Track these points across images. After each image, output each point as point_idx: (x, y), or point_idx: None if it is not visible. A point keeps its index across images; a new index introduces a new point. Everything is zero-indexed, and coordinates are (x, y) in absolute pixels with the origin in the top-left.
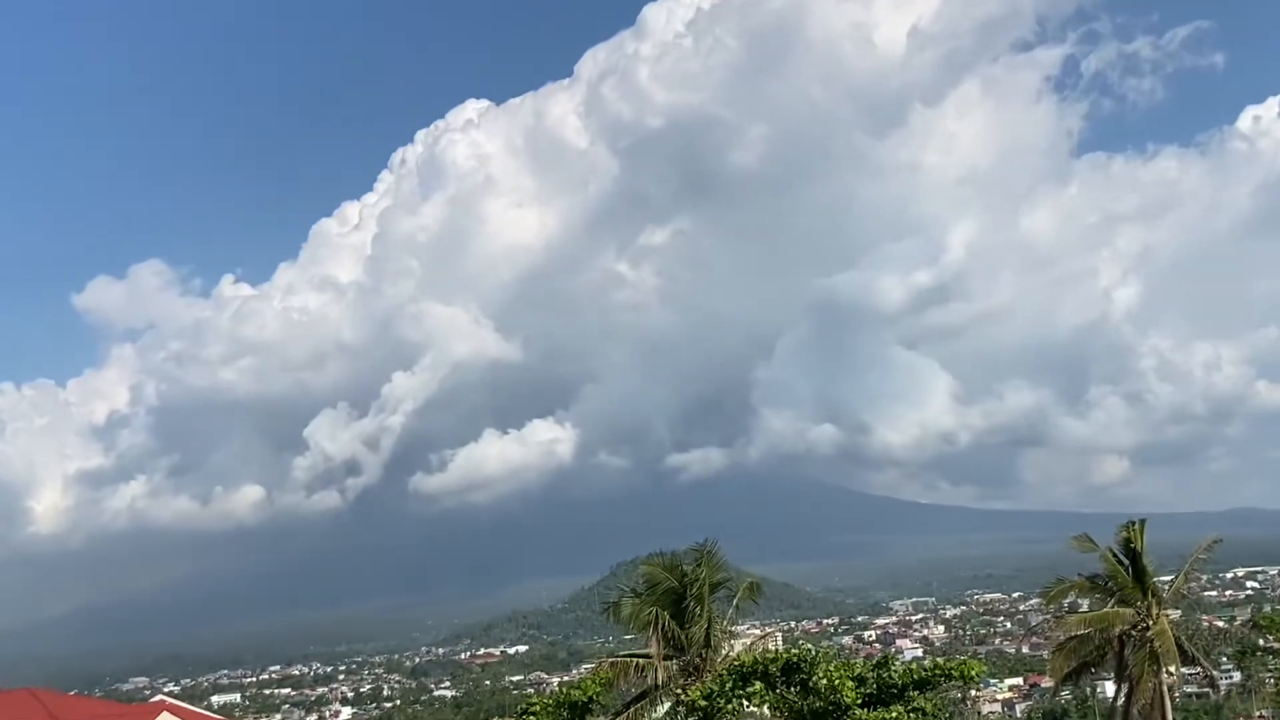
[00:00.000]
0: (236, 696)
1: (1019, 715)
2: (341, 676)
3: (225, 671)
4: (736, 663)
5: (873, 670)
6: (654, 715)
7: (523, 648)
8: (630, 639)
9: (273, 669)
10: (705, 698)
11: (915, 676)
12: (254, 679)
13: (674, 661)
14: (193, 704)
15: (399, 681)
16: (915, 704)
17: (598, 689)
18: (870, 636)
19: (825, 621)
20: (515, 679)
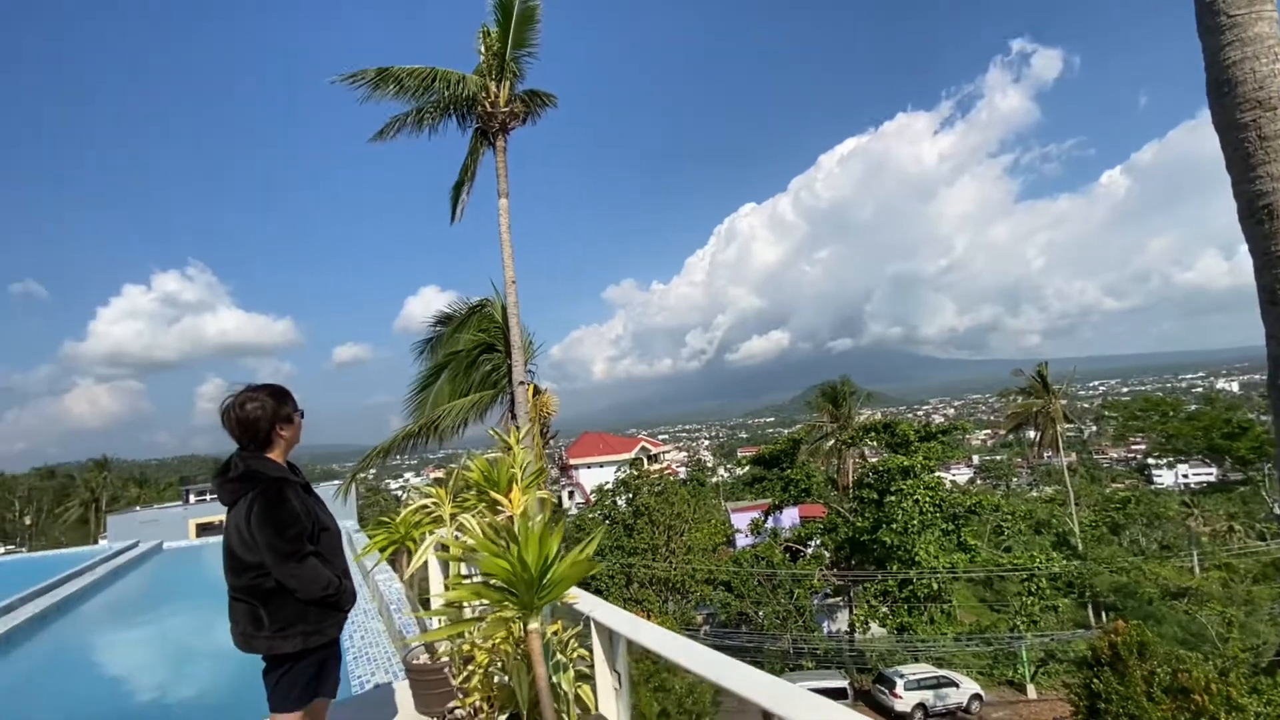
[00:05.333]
0: (666, 435)
1: (988, 445)
2: (700, 430)
3: (660, 426)
4: (861, 425)
5: (923, 427)
6: (825, 445)
7: (772, 418)
8: (815, 416)
9: (678, 427)
10: (850, 439)
11: (942, 428)
12: (670, 431)
13: (835, 424)
14: (650, 436)
15: (728, 432)
16: (942, 440)
17: (805, 432)
18: (921, 414)
19: (900, 409)
20: (771, 431)
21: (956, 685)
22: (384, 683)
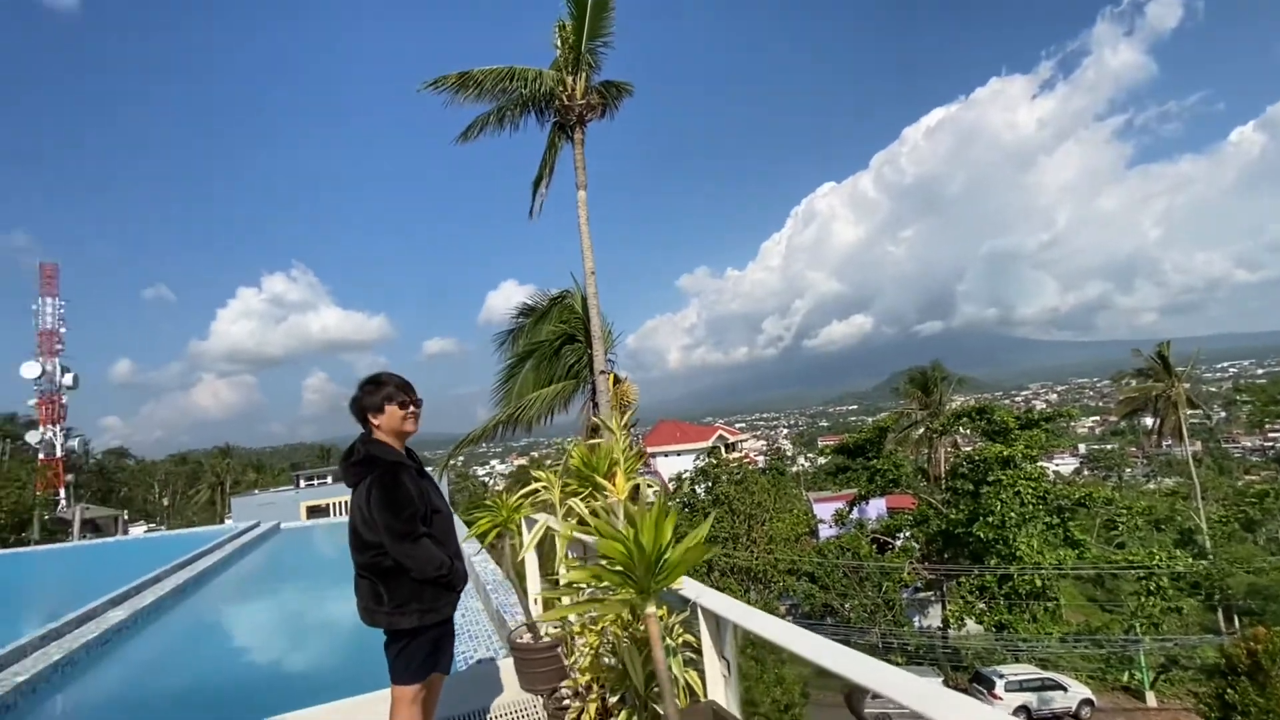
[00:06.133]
0: (743, 424)
1: (1097, 433)
2: (778, 418)
3: (737, 415)
4: (954, 412)
5: (1023, 414)
6: (914, 434)
7: (854, 406)
8: (902, 403)
9: (755, 415)
10: (941, 427)
11: (1045, 415)
12: (747, 419)
13: (925, 411)
14: (727, 424)
15: (808, 420)
16: (1045, 428)
17: (892, 420)
18: (1019, 400)
19: (996, 395)
20: (853, 420)
21: (1064, 689)
22: (486, 659)
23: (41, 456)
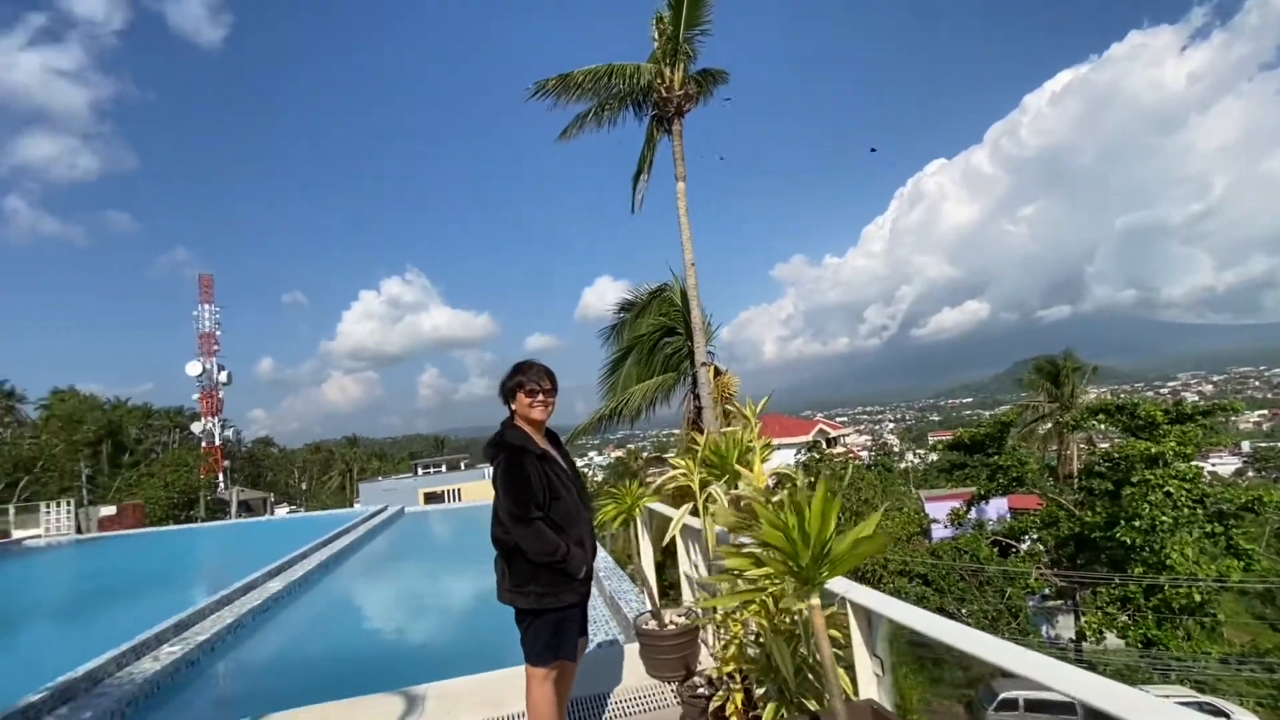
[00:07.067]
0: (844, 418)
1: (1264, 429)
2: (883, 412)
3: (837, 408)
4: (1089, 406)
5: (1173, 407)
6: (1039, 429)
7: (969, 399)
8: (1026, 395)
9: (857, 409)
10: (1073, 422)
11: (1201, 409)
12: (849, 413)
13: (1054, 404)
14: (827, 418)
15: (917, 414)
16: (1200, 423)
17: (1016, 414)
18: (1165, 392)
19: (1137, 385)
20: (968, 414)
21: (1226, 715)
22: (606, 642)
23: (204, 444)
